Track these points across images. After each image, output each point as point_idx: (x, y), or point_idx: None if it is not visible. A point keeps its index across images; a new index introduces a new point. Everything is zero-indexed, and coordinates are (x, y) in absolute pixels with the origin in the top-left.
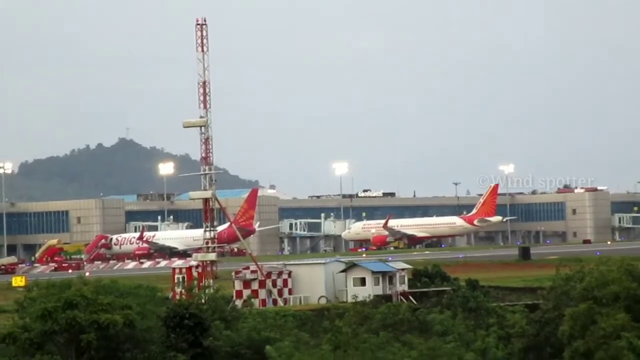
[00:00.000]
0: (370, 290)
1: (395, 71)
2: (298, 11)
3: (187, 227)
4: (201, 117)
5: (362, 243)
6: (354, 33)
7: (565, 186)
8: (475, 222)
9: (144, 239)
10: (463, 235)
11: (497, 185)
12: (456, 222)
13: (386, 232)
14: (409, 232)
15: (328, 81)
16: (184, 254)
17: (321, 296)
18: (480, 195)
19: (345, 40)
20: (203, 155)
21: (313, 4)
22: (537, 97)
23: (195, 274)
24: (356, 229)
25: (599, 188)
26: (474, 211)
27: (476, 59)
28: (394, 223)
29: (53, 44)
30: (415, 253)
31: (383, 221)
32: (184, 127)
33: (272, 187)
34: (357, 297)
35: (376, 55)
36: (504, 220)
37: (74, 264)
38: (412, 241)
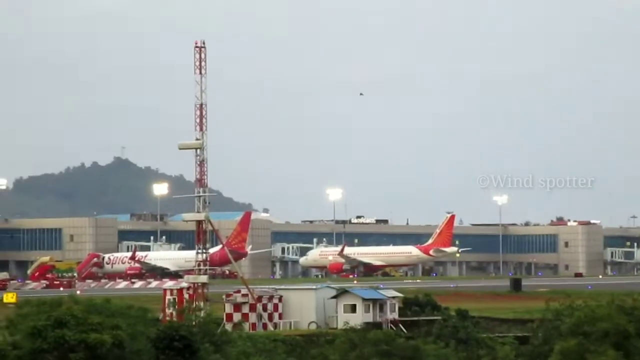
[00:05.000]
0: (360, 317)
1: (392, 97)
2: (301, 40)
3: (179, 248)
4: (197, 139)
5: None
6: (348, 60)
7: (559, 219)
8: (431, 252)
9: (136, 258)
10: (417, 265)
11: (453, 216)
12: (412, 251)
13: (342, 260)
14: (365, 260)
15: (323, 105)
16: (175, 275)
17: (311, 322)
18: (475, 225)
19: (340, 63)
20: (197, 177)
21: (313, 36)
22: (530, 131)
23: (186, 295)
24: (313, 255)
25: (592, 222)
26: (430, 241)
27: (473, 90)
28: (350, 251)
29: (51, 61)
30: (407, 281)
31: (340, 248)
32: (180, 149)
33: (266, 210)
34: (348, 323)
35: (373, 79)
36: (459, 251)
37: (65, 282)
38: (369, 269)
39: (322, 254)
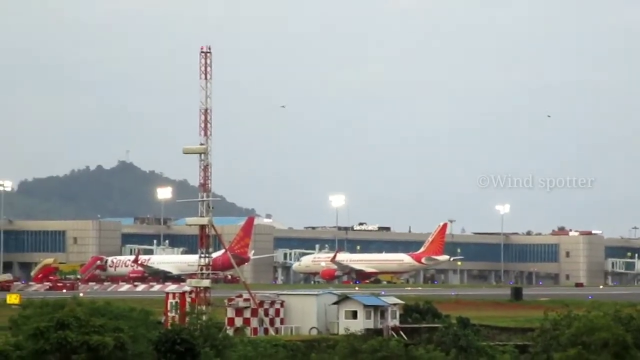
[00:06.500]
0: (361, 324)
1: (396, 104)
2: (307, 49)
3: (182, 252)
4: (201, 144)
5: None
6: (358, 65)
7: (560, 228)
8: (422, 260)
9: (139, 262)
10: (409, 272)
11: (445, 225)
12: (404, 259)
13: (335, 266)
14: (357, 267)
15: (328, 112)
16: (178, 279)
17: (312, 327)
18: (477, 233)
19: (349, 71)
20: (201, 181)
21: (319, 45)
22: (535, 139)
23: (188, 299)
24: (306, 261)
25: (593, 232)
26: (422, 249)
27: (479, 101)
28: (342, 257)
29: (56, 65)
30: (408, 288)
31: (332, 255)
32: (184, 153)
33: (269, 216)
34: (349, 329)
35: (378, 87)
36: (451, 259)
37: (68, 284)
38: (361, 276)
39: (315, 260)
